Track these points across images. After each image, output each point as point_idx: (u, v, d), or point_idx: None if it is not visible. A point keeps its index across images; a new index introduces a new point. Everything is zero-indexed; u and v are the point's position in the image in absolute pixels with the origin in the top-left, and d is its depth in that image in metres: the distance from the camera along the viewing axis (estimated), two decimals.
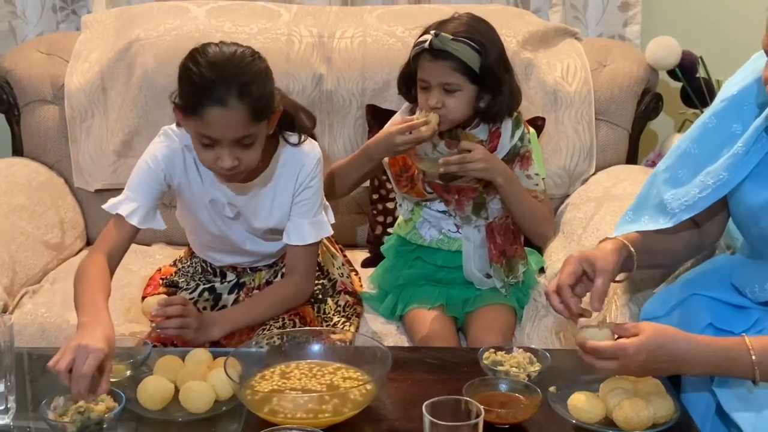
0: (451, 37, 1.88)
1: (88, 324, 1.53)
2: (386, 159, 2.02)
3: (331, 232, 1.92)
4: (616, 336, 1.44)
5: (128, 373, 1.58)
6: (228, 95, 1.60)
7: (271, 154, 1.83)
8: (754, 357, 1.40)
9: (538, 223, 2.07)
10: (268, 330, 1.83)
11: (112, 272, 1.74)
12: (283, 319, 1.87)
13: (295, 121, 1.84)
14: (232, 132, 1.63)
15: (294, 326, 1.85)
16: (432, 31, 1.90)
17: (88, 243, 2.54)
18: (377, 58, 2.43)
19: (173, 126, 1.82)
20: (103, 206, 1.82)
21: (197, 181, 1.83)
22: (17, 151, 2.56)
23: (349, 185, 2.09)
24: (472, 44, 1.90)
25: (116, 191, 2.48)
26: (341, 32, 2.47)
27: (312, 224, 1.86)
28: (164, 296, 1.64)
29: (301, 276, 1.88)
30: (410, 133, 1.89)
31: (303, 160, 1.83)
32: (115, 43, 2.48)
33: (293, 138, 1.84)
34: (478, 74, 1.91)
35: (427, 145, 1.99)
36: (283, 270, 1.97)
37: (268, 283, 1.98)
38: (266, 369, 1.55)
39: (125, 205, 1.78)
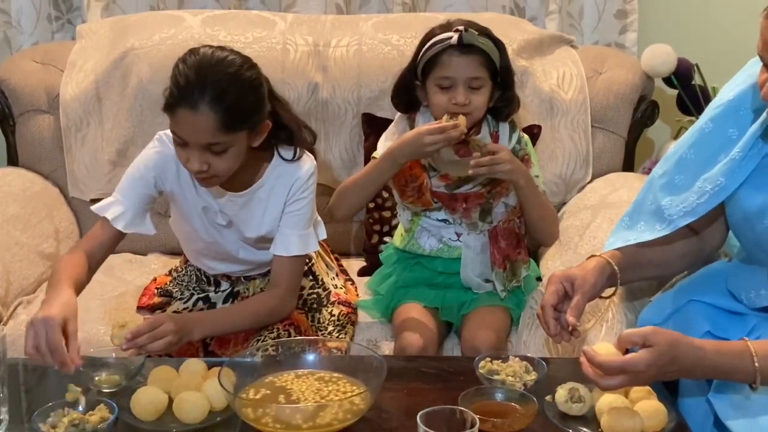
0: (477, 32, 1.91)
1: (44, 301, 1.59)
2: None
3: (317, 249, 1.92)
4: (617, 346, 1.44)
5: (123, 383, 1.57)
6: (200, 100, 1.61)
7: (262, 166, 1.82)
8: (757, 363, 1.40)
9: (551, 222, 2.08)
10: (263, 340, 1.82)
11: (91, 271, 1.76)
12: (278, 329, 1.86)
13: (294, 136, 1.82)
14: (200, 137, 1.63)
15: (288, 336, 1.84)
16: (458, 27, 1.91)
17: None
18: (373, 66, 2.43)
19: (168, 131, 1.81)
20: (92, 208, 1.83)
21: (190, 187, 1.83)
22: (12, 160, 2.56)
23: (366, 198, 2.04)
24: (492, 41, 1.94)
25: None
26: (337, 41, 2.47)
27: (300, 237, 1.84)
28: (127, 324, 1.61)
29: (285, 290, 1.85)
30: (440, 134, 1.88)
31: (297, 173, 1.82)
32: (110, 52, 2.48)
33: (288, 153, 1.82)
34: (497, 71, 1.94)
35: (442, 153, 1.97)
36: None
37: (262, 291, 1.96)
38: (261, 379, 1.54)
39: (112, 209, 1.79)
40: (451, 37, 1.90)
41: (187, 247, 1.99)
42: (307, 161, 1.85)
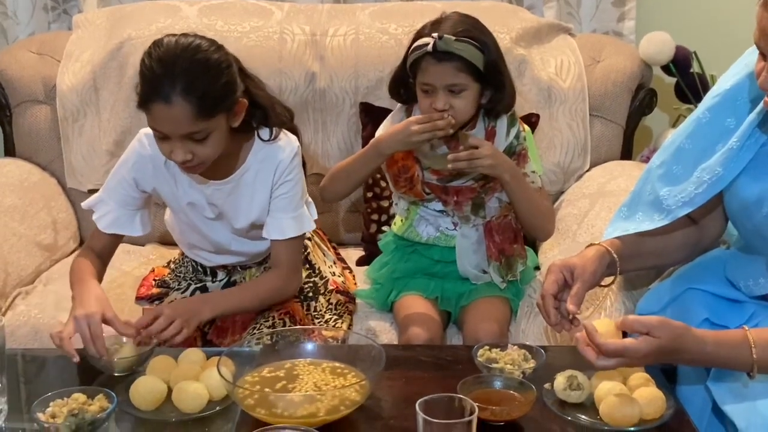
0: (454, 37, 1.86)
1: (76, 297, 1.69)
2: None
3: (314, 227, 1.91)
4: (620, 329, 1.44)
5: (134, 367, 1.60)
6: (172, 92, 1.58)
7: (241, 148, 1.80)
8: (755, 354, 1.40)
9: (542, 219, 2.05)
10: (258, 330, 1.82)
11: (104, 265, 1.83)
12: (273, 318, 1.86)
13: (269, 115, 1.80)
14: (178, 128, 1.62)
15: (284, 325, 1.84)
16: (433, 34, 1.87)
17: (81, 243, 2.53)
18: (370, 55, 2.43)
19: (148, 129, 1.77)
20: (83, 204, 1.87)
21: (170, 184, 1.82)
22: (9, 151, 2.56)
23: (353, 184, 2.04)
24: (474, 43, 1.88)
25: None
26: (334, 30, 2.47)
27: (293, 219, 1.83)
28: (122, 348, 1.64)
29: (287, 270, 1.85)
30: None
31: (279, 156, 1.80)
32: (107, 42, 2.47)
33: (264, 133, 1.80)
34: (482, 72, 1.90)
35: (427, 145, 1.98)
36: None
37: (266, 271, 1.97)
38: (259, 368, 1.54)
39: (99, 208, 1.82)
40: (427, 44, 1.87)
41: (181, 240, 2.00)
42: (288, 142, 1.82)
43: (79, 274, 1.75)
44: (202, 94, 1.60)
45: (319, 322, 1.94)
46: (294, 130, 1.87)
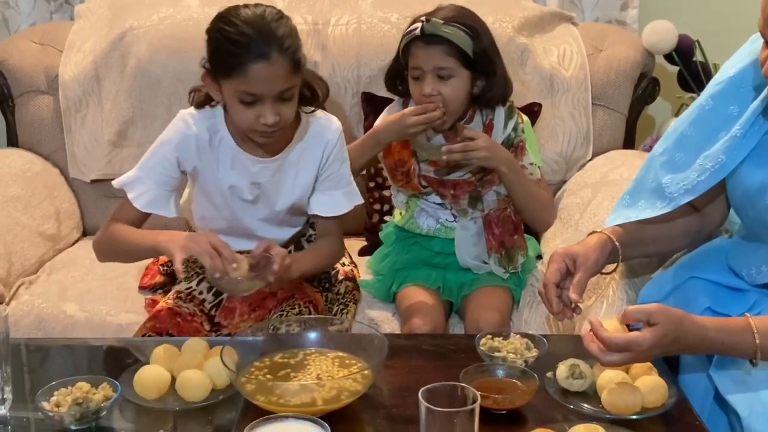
0: (442, 21, 1.89)
1: (165, 241, 1.69)
2: (381, 153, 2.02)
3: (362, 201, 1.96)
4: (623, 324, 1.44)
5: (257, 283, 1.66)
6: (270, 50, 1.65)
7: (291, 127, 1.82)
8: (758, 340, 1.40)
9: (541, 210, 2.06)
10: (285, 315, 1.83)
11: None
12: (299, 305, 1.87)
13: (312, 88, 1.83)
14: (276, 85, 1.67)
15: (309, 313, 1.85)
16: (422, 18, 1.90)
17: (85, 233, 2.53)
18: (372, 45, 2.42)
19: (191, 109, 1.81)
20: (114, 182, 1.83)
21: (213, 166, 1.82)
22: (12, 141, 2.55)
23: (353, 172, 2.06)
24: (464, 28, 1.90)
25: (111, 181, 2.50)
26: (336, 19, 2.46)
27: (344, 194, 1.89)
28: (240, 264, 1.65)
29: (338, 237, 1.94)
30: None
31: (326, 135, 1.85)
32: (109, 32, 2.47)
33: (308, 108, 1.84)
34: (471, 58, 1.91)
35: (423, 137, 1.98)
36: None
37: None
38: (263, 358, 1.55)
39: (135, 187, 1.80)
40: (417, 28, 1.90)
41: (203, 225, 1.96)
42: (332, 120, 1.88)
43: (137, 232, 1.77)
44: (293, 50, 1.67)
45: (331, 312, 1.95)
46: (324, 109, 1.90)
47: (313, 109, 1.84)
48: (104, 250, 1.83)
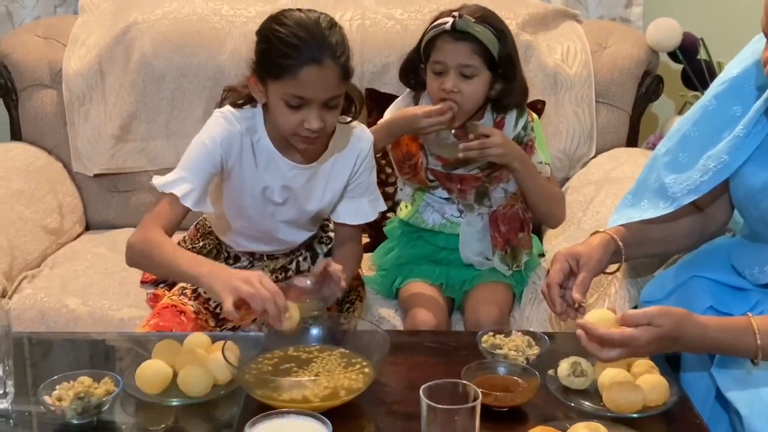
0: (474, 19, 1.88)
1: (206, 275, 1.55)
2: (389, 145, 2.02)
3: (385, 207, 1.96)
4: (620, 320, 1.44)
5: (315, 312, 1.62)
6: (323, 55, 1.63)
7: (331, 134, 1.81)
8: (759, 340, 1.40)
9: (554, 206, 2.05)
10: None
11: None
12: None
13: (351, 99, 1.80)
14: (325, 91, 1.65)
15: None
16: (453, 13, 1.89)
17: (87, 228, 2.54)
18: (376, 41, 2.42)
19: (231, 108, 1.77)
20: (154, 183, 1.74)
21: (251, 166, 1.79)
22: (15, 135, 2.56)
23: None
24: (492, 29, 1.90)
25: (115, 175, 2.51)
26: (339, 15, 2.45)
27: (370, 202, 1.89)
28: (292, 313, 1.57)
29: (359, 241, 1.94)
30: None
31: (359, 145, 1.84)
32: (113, 26, 2.47)
33: (345, 117, 1.81)
34: (495, 60, 1.91)
35: (434, 134, 1.97)
36: (299, 259, 1.96)
37: (282, 269, 1.96)
38: (265, 353, 1.55)
39: (180, 186, 1.71)
40: (446, 22, 1.89)
41: (222, 224, 1.94)
42: (364, 130, 1.87)
43: (180, 254, 1.64)
44: (345, 57, 1.66)
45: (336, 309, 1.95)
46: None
47: (350, 119, 1.82)
48: (136, 258, 1.71)
